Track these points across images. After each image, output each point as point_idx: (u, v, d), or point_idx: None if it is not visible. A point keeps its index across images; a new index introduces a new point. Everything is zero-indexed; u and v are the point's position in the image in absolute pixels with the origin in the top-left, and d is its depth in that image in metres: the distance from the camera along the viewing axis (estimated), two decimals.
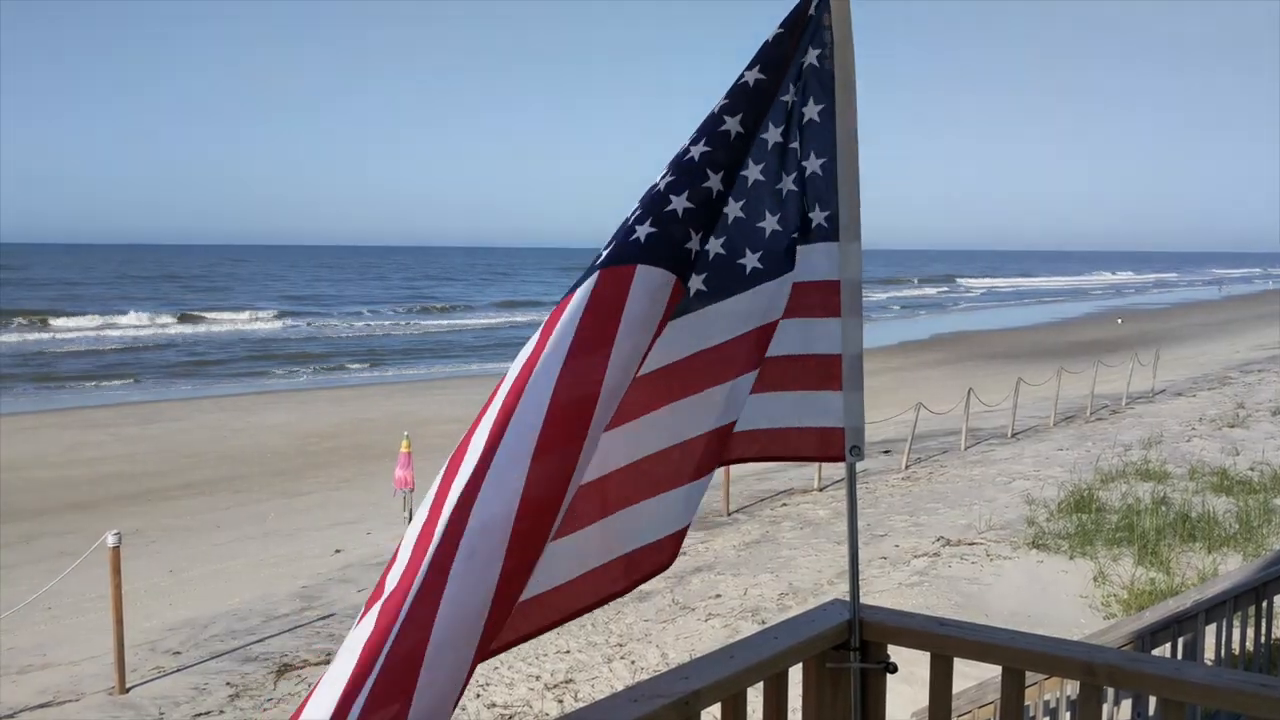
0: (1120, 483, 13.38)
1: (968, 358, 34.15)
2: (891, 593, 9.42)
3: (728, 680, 2.12)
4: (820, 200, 2.40)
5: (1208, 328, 46.48)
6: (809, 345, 2.43)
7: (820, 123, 2.39)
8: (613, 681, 7.91)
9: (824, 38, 2.39)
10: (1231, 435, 16.89)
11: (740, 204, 2.35)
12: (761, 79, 2.34)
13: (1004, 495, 13.44)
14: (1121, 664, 2.20)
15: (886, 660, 2.48)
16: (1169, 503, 11.85)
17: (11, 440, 19.64)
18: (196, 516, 14.06)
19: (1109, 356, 28.21)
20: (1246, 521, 10.89)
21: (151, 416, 23.00)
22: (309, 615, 9.88)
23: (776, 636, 2.34)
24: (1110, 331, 45.13)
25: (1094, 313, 60.55)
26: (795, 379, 2.43)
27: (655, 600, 9.78)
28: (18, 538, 12.92)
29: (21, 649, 9.18)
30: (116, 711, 7.74)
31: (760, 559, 11.04)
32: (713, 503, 13.90)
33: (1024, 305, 69.88)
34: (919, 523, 12.23)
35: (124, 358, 36.62)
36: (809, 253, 2.41)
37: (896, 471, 15.59)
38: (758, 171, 2.37)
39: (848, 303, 2.43)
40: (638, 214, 2.18)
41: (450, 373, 33.19)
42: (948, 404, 18.96)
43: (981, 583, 9.69)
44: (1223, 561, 9.67)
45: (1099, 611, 8.71)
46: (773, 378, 2.43)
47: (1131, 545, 10.30)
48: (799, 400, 2.43)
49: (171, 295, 70.04)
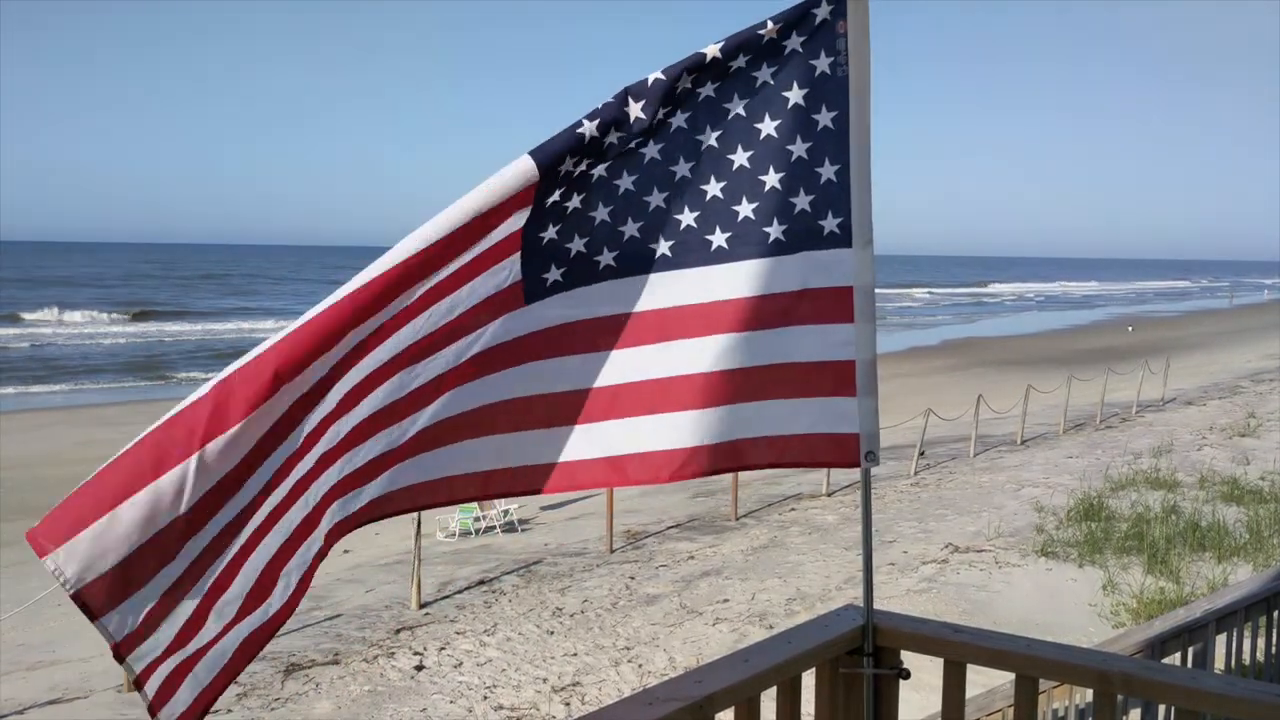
0: (1130, 491, 13.33)
1: (977, 364, 34.06)
2: (900, 599, 9.40)
3: (742, 684, 2.13)
4: (833, 207, 2.40)
5: (1218, 336, 46.27)
6: (823, 351, 2.42)
7: (835, 130, 2.39)
8: (620, 685, 7.91)
9: (838, 44, 2.38)
10: (1242, 444, 16.82)
11: (721, 185, 2.38)
12: (726, 54, 2.35)
13: (1013, 502, 13.39)
14: (1136, 672, 2.20)
15: (899, 666, 2.47)
16: (1179, 512, 11.81)
17: (24, 438, 19.75)
18: None
19: (1119, 364, 28.11)
20: (1257, 531, 10.84)
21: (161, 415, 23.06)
22: (316, 615, 9.91)
23: (790, 641, 2.34)
24: (1121, 339, 44.98)
25: (1105, 320, 60.34)
26: (809, 385, 2.43)
27: (663, 604, 9.77)
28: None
29: (32, 645, 9.23)
30: (125, 709, 7.76)
31: (768, 564, 11.02)
32: (721, 507, 13.90)
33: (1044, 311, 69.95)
34: (928, 529, 12.20)
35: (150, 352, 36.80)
36: (821, 259, 2.41)
37: (905, 477, 15.56)
38: (745, 159, 2.37)
39: (861, 308, 2.43)
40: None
41: None
42: (957, 410, 18.91)
43: (990, 590, 9.67)
44: (1233, 571, 9.62)
45: (1108, 620, 8.67)
46: (787, 384, 2.42)
47: (1141, 554, 10.26)
48: (813, 406, 2.43)
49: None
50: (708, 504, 14.34)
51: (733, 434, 2.41)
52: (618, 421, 2.42)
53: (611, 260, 2.39)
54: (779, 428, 2.43)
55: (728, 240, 2.38)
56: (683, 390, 2.38)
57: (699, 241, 2.39)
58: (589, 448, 2.42)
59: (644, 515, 13.79)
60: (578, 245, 2.36)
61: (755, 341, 2.40)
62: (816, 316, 2.42)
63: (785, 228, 2.39)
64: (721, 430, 2.41)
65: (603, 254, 2.38)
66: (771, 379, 2.42)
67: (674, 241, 2.41)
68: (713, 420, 2.39)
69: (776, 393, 2.42)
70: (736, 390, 2.39)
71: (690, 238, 2.40)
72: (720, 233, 2.38)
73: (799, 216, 2.39)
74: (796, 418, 2.43)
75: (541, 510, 14.58)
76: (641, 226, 2.39)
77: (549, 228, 2.31)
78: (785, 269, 2.39)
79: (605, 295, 2.40)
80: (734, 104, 2.39)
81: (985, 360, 35.47)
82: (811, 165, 2.37)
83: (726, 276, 2.38)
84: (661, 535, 12.69)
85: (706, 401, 2.38)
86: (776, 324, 2.41)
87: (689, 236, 2.40)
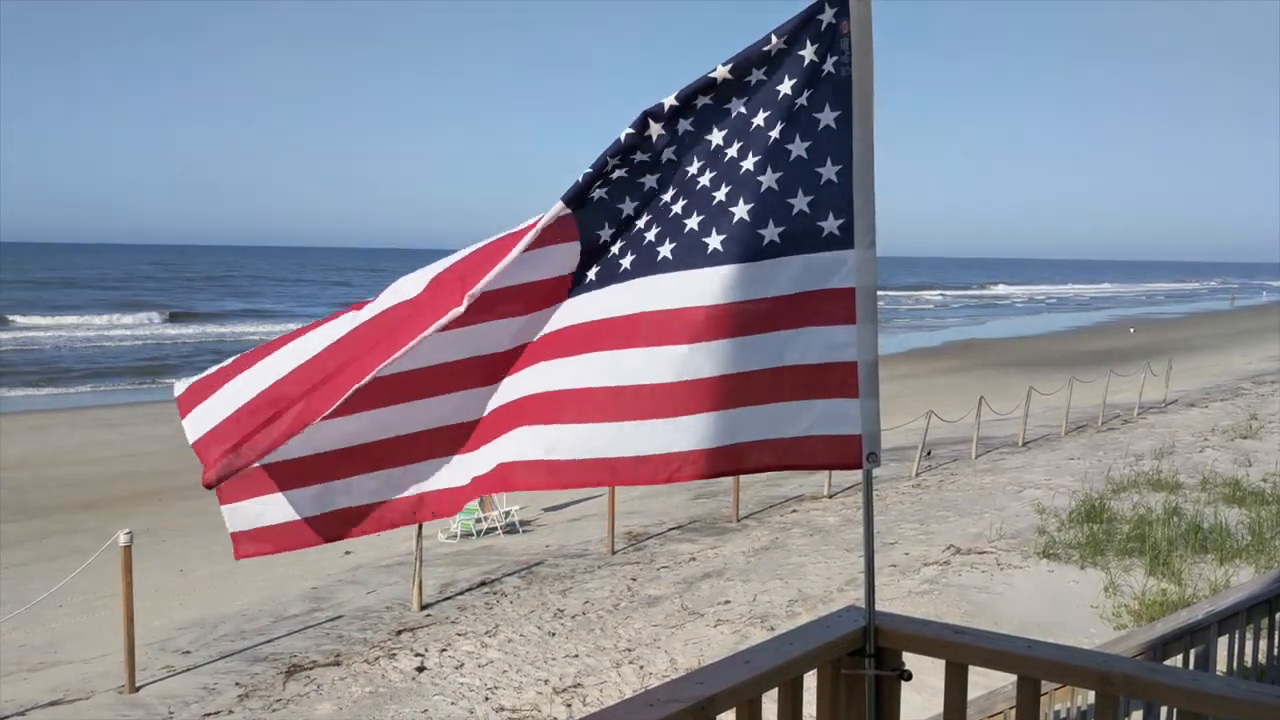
0: (1132, 493, 13.32)
1: (979, 366, 34.04)
2: (901, 601, 9.39)
3: (743, 686, 2.12)
4: (835, 208, 2.39)
5: (1220, 338, 46.23)
6: (824, 353, 2.42)
7: (837, 130, 2.38)
8: (621, 686, 7.91)
9: (841, 44, 2.38)
10: (1244, 446, 16.80)
11: (726, 189, 2.40)
12: (736, 73, 2.40)
13: (1015, 504, 13.38)
14: (1138, 674, 2.19)
15: (901, 667, 2.47)
16: (1181, 513, 11.80)
17: (25, 439, 19.76)
18: (207, 517, 14.09)
19: (1121, 366, 28.09)
20: (1259, 533, 10.83)
21: (162, 416, 23.09)
22: (318, 616, 9.90)
23: (792, 642, 2.34)
24: (1123, 341, 44.94)
25: (1106, 322, 60.30)
26: (811, 387, 2.42)
27: (664, 605, 9.77)
28: (30, 535, 13.00)
29: (33, 646, 9.23)
30: (126, 710, 7.76)
31: (770, 565, 11.02)
32: (722, 509, 13.90)
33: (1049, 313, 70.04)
34: (929, 531, 12.19)
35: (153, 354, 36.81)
36: (823, 260, 2.40)
37: (907, 479, 15.55)
38: (747, 160, 2.38)
39: (863, 309, 2.42)
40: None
41: None
42: (959, 412, 18.90)
43: (992, 591, 9.66)
44: (1235, 573, 9.62)
45: (1110, 622, 8.66)
46: (788, 386, 2.42)
47: (1143, 556, 10.25)
48: (815, 408, 2.43)
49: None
50: (709, 505, 14.34)
51: (733, 437, 2.41)
52: (616, 424, 2.42)
53: (628, 264, 2.44)
54: (780, 430, 2.43)
55: (723, 243, 2.37)
56: (683, 394, 2.38)
57: (698, 244, 2.39)
58: (589, 448, 2.43)
59: (645, 517, 13.79)
60: (615, 244, 2.48)
61: (756, 344, 2.39)
62: (818, 318, 2.41)
63: (782, 230, 2.38)
64: (722, 433, 2.41)
65: (626, 256, 2.44)
66: (773, 381, 2.41)
67: (676, 244, 2.41)
68: (713, 424, 2.39)
69: (778, 395, 2.42)
70: (737, 393, 2.39)
71: (691, 240, 2.40)
72: (716, 235, 2.38)
73: (797, 218, 2.38)
74: (798, 419, 2.43)
75: (543, 511, 14.58)
76: (658, 231, 2.44)
77: (605, 228, 2.49)
78: (782, 271, 2.38)
79: (622, 296, 2.45)
80: (734, 104, 2.41)
81: (987, 362, 35.45)
82: (812, 165, 2.37)
83: (722, 280, 2.37)
84: (663, 537, 12.68)
85: (707, 405, 2.37)
86: (777, 327, 2.40)
87: (690, 239, 2.40)
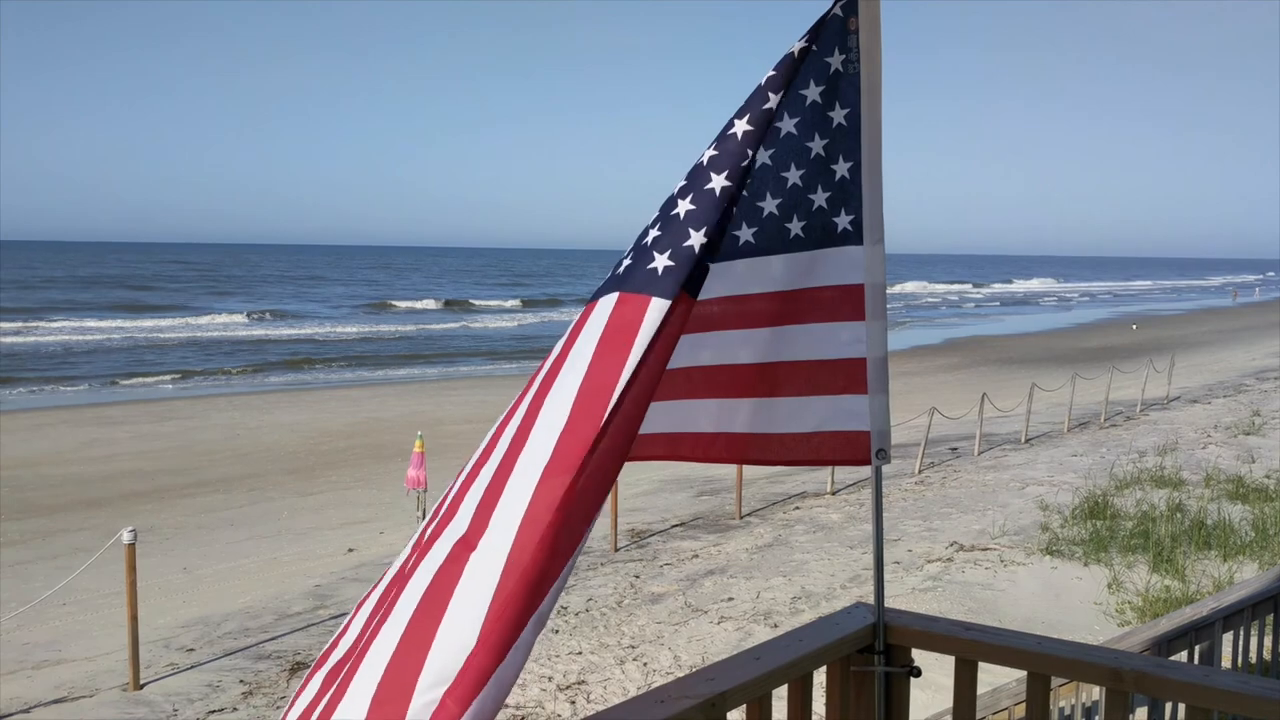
0: (1135, 489, 13.31)
1: (982, 362, 34.03)
2: (905, 598, 9.39)
3: (753, 682, 2.13)
4: (846, 204, 2.40)
5: (1223, 334, 46.20)
6: (834, 349, 2.43)
7: (848, 127, 2.39)
8: (625, 683, 7.91)
9: (850, 42, 2.38)
10: (1247, 443, 16.79)
11: (749, 184, 2.36)
12: (773, 75, 2.35)
13: (1018, 501, 13.38)
14: (1149, 670, 2.19)
15: (910, 664, 2.47)
16: (1184, 510, 11.79)
17: (27, 437, 19.78)
18: (210, 514, 14.12)
19: (1124, 363, 28.07)
20: (1262, 529, 10.81)
21: (165, 414, 23.12)
22: (322, 614, 9.91)
23: (802, 639, 2.34)
24: (1125, 337, 44.92)
25: (1109, 318, 60.27)
26: (820, 382, 2.43)
27: (667, 602, 9.77)
28: (34, 534, 13.01)
29: (37, 644, 9.24)
30: (130, 708, 7.77)
31: (773, 562, 11.02)
32: (725, 505, 13.90)
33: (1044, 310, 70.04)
34: (932, 528, 12.19)
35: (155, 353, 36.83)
36: (834, 256, 2.41)
37: (910, 476, 15.55)
38: (766, 156, 2.37)
39: (872, 306, 2.42)
40: (656, 238, 2.12)
41: (467, 372, 33.28)
42: (961, 409, 18.89)
43: (995, 588, 9.66)
44: (1238, 569, 9.61)
45: (1113, 619, 8.66)
46: (797, 381, 2.43)
47: (1146, 552, 10.24)
48: (824, 404, 2.43)
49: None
50: (712, 503, 14.34)
51: (740, 428, 2.42)
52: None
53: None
54: (789, 425, 2.43)
55: (754, 235, 2.38)
56: (699, 379, 2.40)
57: (728, 236, 2.39)
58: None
59: (648, 514, 13.79)
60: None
61: (767, 338, 2.40)
62: (828, 314, 2.42)
63: (804, 224, 2.39)
64: (731, 423, 2.42)
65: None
66: (782, 376, 2.42)
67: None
68: (724, 411, 2.40)
69: (787, 390, 2.42)
70: (749, 385, 2.40)
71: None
72: (747, 228, 2.38)
73: (816, 213, 2.39)
74: (807, 415, 2.43)
75: None
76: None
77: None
78: (801, 265, 2.40)
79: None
80: (770, 100, 2.41)
81: (989, 359, 35.44)
82: (828, 162, 2.38)
83: (748, 271, 2.38)
84: (666, 534, 12.68)
85: (719, 393, 2.39)
86: (788, 321, 2.41)
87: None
